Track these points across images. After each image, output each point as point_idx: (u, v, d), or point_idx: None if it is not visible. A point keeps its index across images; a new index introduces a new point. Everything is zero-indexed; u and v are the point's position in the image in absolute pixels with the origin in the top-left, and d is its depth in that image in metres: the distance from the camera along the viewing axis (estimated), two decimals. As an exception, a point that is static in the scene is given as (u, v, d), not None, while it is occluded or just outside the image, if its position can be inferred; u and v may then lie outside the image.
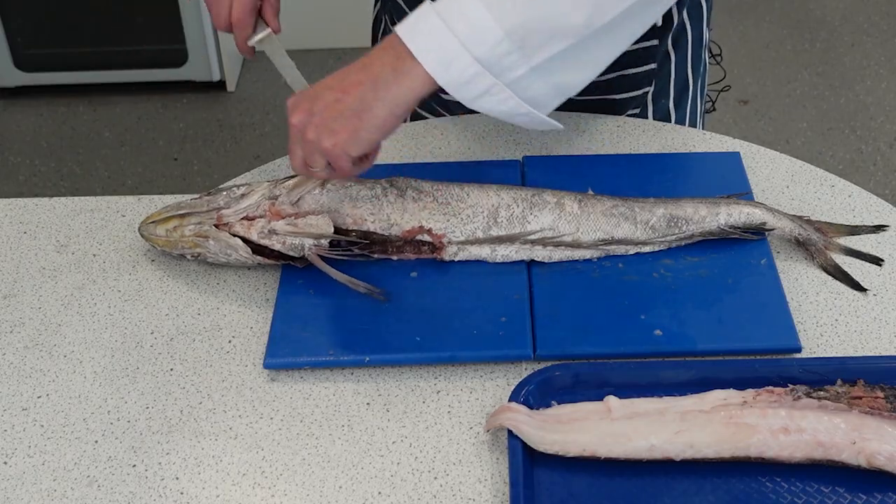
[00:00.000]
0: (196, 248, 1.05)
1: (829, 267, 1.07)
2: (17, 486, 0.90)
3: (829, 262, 1.08)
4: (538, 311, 1.02)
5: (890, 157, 2.75)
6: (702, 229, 1.08)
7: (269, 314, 1.04)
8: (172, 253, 1.08)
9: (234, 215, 1.05)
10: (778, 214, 1.09)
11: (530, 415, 0.90)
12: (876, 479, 0.87)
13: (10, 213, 1.18)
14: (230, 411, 0.96)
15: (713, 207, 1.08)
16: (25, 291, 1.08)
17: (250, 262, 1.06)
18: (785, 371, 0.94)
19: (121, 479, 0.90)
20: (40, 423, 0.95)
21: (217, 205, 1.06)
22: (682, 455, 0.88)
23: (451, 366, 0.99)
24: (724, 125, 2.86)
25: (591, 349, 0.98)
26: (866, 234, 1.11)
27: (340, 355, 0.98)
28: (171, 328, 1.04)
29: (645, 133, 1.27)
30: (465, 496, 0.88)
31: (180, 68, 2.92)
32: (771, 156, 1.23)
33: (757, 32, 3.26)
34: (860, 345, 1.00)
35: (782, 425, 0.87)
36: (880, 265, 1.08)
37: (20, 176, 2.75)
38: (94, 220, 1.17)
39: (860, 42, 3.19)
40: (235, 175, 1.24)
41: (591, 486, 0.87)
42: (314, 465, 0.91)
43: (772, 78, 3.06)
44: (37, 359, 1.01)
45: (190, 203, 1.08)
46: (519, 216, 1.06)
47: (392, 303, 1.03)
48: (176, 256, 1.09)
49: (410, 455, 0.92)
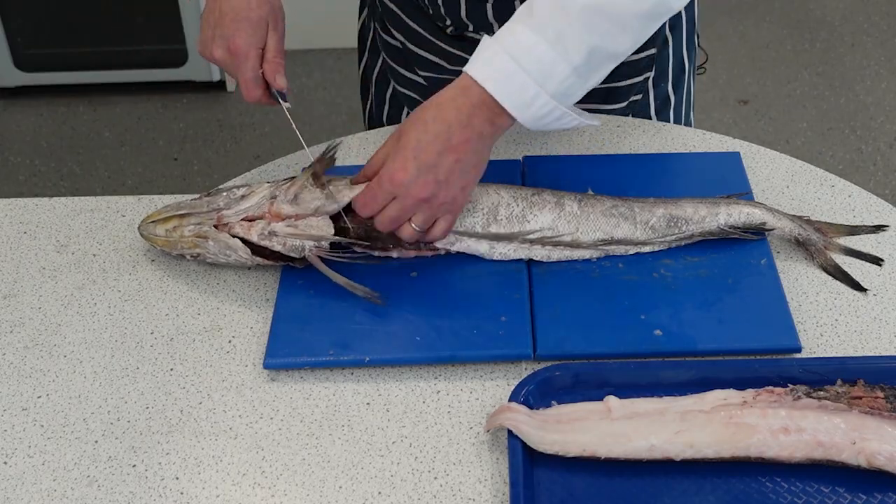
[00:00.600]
0: (195, 249, 1.05)
1: (829, 267, 1.07)
2: (17, 486, 0.90)
3: (829, 262, 1.08)
4: (538, 311, 1.02)
5: (890, 157, 2.75)
6: (702, 229, 1.08)
7: (269, 314, 1.04)
8: (172, 253, 1.08)
9: (235, 216, 1.05)
10: (778, 214, 1.09)
11: (530, 415, 0.90)
12: (876, 479, 0.87)
13: (10, 213, 1.18)
14: (230, 411, 0.96)
15: (713, 207, 1.08)
16: (25, 291, 1.08)
17: (249, 262, 1.06)
18: (785, 371, 0.94)
19: (121, 479, 0.90)
20: (40, 423, 0.95)
21: (217, 206, 1.06)
22: (682, 455, 0.88)
23: (451, 366, 0.99)
24: (724, 125, 2.86)
25: (591, 349, 0.98)
26: (866, 234, 1.11)
27: (340, 355, 0.98)
28: (171, 328, 1.04)
29: (645, 133, 1.27)
30: (465, 496, 0.88)
31: (180, 68, 2.92)
32: (771, 156, 1.23)
33: (757, 32, 3.26)
34: (860, 345, 1.00)
35: (782, 425, 0.87)
36: (880, 265, 1.08)
37: (20, 176, 2.75)
38: (94, 220, 1.17)
39: (860, 42, 3.19)
40: (235, 175, 1.24)
41: (591, 486, 0.87)
42: (314, 465, 0.91)
43: (772, 78, 3.06)
44: (37, 359, 1.01)
45: (190, 203, 1.08)
46: (518, 215, 1.06)
47: (392, 303, 1.03)
48: (175, 256, 1.09)
49: (410, 455, 0.92)
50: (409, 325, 1.01)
